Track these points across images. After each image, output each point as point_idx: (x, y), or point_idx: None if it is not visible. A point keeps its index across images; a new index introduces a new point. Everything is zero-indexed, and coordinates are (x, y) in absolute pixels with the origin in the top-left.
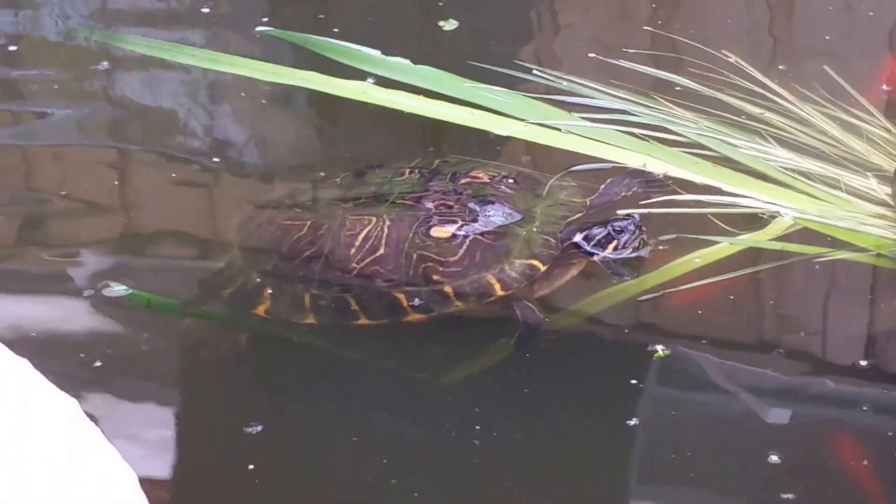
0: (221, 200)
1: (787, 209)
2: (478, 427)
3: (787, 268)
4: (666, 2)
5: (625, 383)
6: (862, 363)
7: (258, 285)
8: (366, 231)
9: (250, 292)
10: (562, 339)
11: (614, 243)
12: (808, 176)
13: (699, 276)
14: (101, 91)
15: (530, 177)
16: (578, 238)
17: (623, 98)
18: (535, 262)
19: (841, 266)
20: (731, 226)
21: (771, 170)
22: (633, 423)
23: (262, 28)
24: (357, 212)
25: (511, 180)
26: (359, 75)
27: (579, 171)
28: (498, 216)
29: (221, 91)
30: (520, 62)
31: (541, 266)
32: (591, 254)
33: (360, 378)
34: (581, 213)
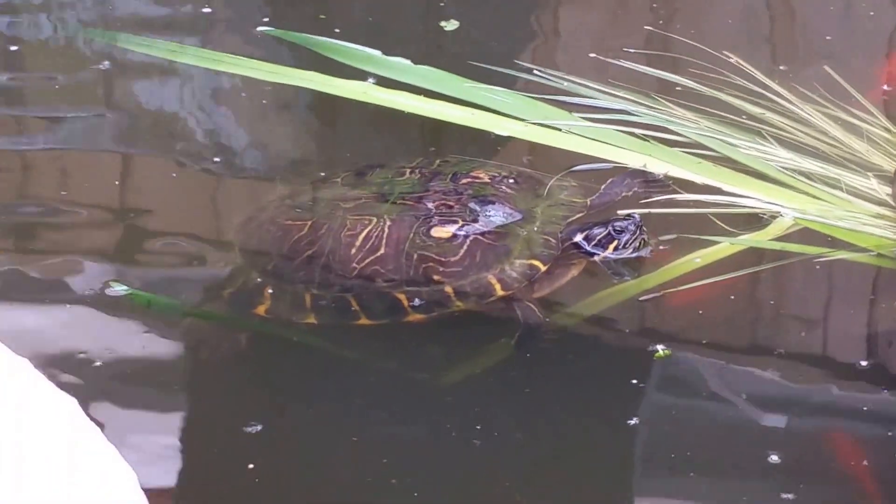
0: (222, 200)
1: (787, 209)
2: (478, 427)
3: (787, 268)
4: (666, 2)
5: (625, 383)
6: (862, 363)
7: (259, 285)
8: (366, 231)
9: (251, 292)
10: (562, 339)
11: (615, 243)
12: (809, 176)
13: (700, 276)
14: (101, 92)
15: (531, 177)
16: (579, 238)
17: (623, 98)
18: (536, 263)
19: (841, 266)
20: (731, 226)
21: (771, 170)
22: (633, 422)
23: (262, 28)
24: (358, 212)
25: (512, 180)
26: (359, 75)
27: (580, 171)
28: (498, 216)
29: (222, 91)
30: (520, 62)
31: (541, 266)
32: (592, 254)
33: (360, 378)
34: (582, 214)
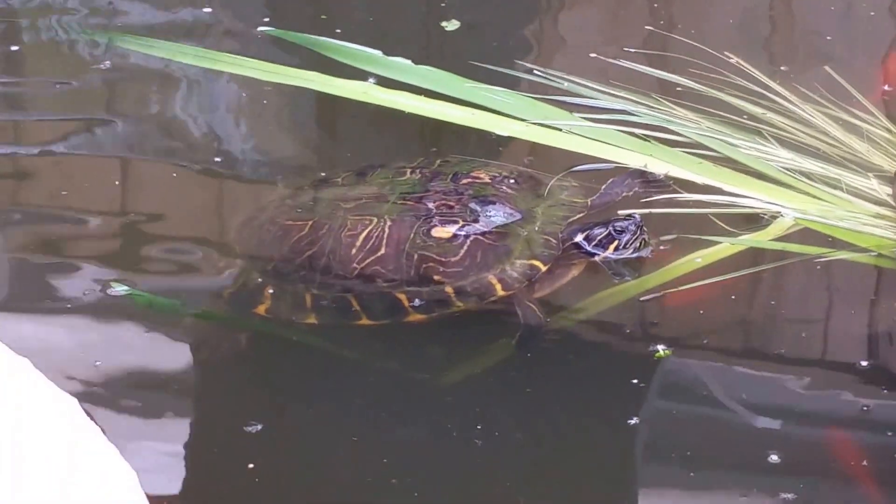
0: (223, 201)
1: (788, 209)
2: (478, 427)
3: (788, 268)
4: (667, 2)
5: (626, 383)
6: (863, 363)
7: (259, 285)
8: (367, 231)
9: (251, 292)
10: (563, 339)
11: (615, 243)
12: (809, 176)
13: (700, 276)
14: (101, 92)
15: (531, 177)
16: (579, 238)
17: (624, 98)
18: (537, 263)
19: (842, 266)
20: (732, 226)
21: (772, 170)
22: (633, 422)
23: (263, 28)
24: (358, 212)
25: (512, 180)
26: (360, 75)
27: (580, 171)
28: (499, 216)
29: (222, 92)
30: (521, 62)
31: (542, 266)
32: (593, 254)
33: (360, 378)
34: (582, 214)
